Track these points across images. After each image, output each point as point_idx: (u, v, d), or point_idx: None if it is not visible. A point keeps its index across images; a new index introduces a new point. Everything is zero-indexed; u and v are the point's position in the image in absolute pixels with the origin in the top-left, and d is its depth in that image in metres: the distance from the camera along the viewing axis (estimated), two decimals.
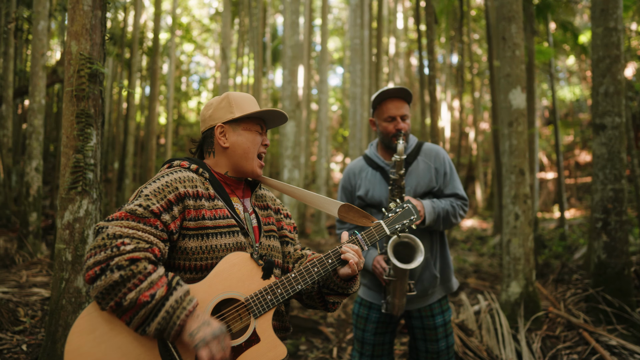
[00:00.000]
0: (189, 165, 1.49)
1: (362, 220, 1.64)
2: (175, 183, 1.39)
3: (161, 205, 1.32)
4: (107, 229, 1.24)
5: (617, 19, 3.84)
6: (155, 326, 1.20)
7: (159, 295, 1.20)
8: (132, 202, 1.33)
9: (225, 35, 8.36)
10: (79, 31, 2.71)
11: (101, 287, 1.18)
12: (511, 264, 3.87)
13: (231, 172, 1.57)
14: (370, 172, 2.49)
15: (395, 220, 1.66)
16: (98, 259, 1.20)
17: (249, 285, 1.39)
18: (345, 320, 5.21)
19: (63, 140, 2.74)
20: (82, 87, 2.69)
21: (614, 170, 3.81)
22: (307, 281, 1.45)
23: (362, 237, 1.57)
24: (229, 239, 1.42)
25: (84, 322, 1.21)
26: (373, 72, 10.84)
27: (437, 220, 2.33)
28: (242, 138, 1.54)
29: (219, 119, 1.55)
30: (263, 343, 1.36)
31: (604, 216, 3.86)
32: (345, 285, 1.55)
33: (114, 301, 1.18)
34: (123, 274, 1.18)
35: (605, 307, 3.79)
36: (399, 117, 2.37)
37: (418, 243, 2.19)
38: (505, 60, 3.92)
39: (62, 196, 2.72)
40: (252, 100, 1.61)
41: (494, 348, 3.58)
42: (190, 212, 1.38)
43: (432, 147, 2.51)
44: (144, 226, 1.28)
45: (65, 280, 2.69)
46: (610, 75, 3.82)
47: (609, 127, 3.82)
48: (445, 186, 2.44)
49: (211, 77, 26.67)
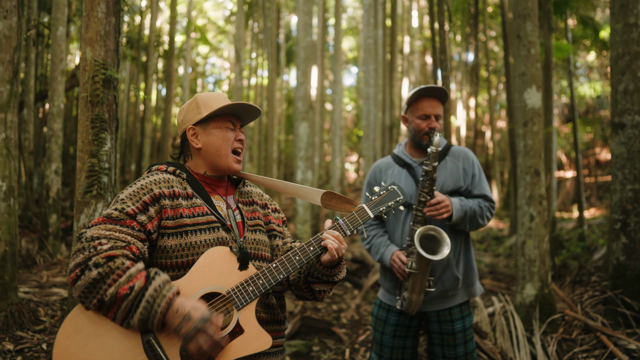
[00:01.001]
0: (166, 168, 1.54)
1: (345, 206, 1.65)
2: (150, 185, 1.44)
3: (136, 207, 1.37)
4: (86, 234, 1.31)
5: (637, 14, 3.74)
6: (138, 317, 1.24)
7: (137, 286, 1.24)
8: (110, 207, 1.39)
9: (239, 37, 8.43)
10: (93, 38, 2.77)
11: (82, 287, 1.23)
12: (526, 266, 3.80)
13: (210, 171, 1.60)
14: (397, 169, 2.50)
15: (379, 202, 1.64)
16: (77, 261, 1.25)
17: (230, 278, 1.41)
18: (359, 321, 5.20)
19: (78, 145, 2.80)
20: (96, 93, 2.75)
21: (634, 170, 3.71)
22: (289, 269, 1.45)
23: (344, 222, 1.57)
24: (208, 235, 1.45)
25: (70, 324, 1.25)
26: (387, 72, 10.78)
27: (464, 219, 2.32)
28: (213, 137, 1.56)
29: (189, 122, 1.59)
30: (247, 334, 1.38)
31: (622, 217, 3.77)
32: (329, 272, 1.55)
33: (96, 299, 1.23)
34: (101, 270, 1.23)
35: (624, 310, 3.69)
36: (433, 116, 2.38)
37: (444, 235, 2.19)
38: (520, 59, 3.85)
39: (78, 200, 2.78)
40: (221, 97, 1.62)
41: (508, 351, 3.52)
42: (167, 212, 1.42)
43: (461, 149, 2.53)
44: (121, 227, 1.33)
45: None
46: (630, 72, 3.72)
47: (629, 126, 3.72)
48: (474, 187, 2.44)
49: (226, 78, 26.91)
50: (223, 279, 1.41)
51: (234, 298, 1.39)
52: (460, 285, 2.40)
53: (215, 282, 1.40)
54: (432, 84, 2.73)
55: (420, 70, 21.69)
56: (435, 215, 2.27)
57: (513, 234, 9.81)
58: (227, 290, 1.40)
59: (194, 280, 1.37)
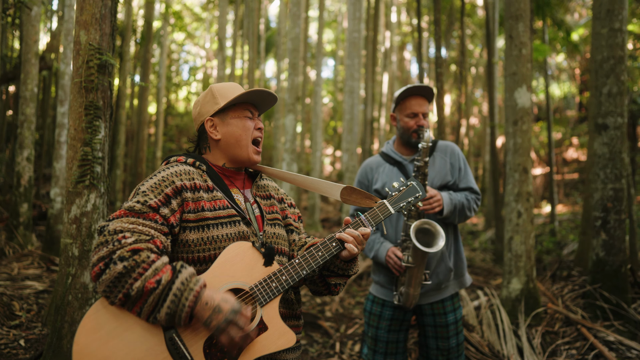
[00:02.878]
0: (185, 160, 1.50)
1: (365, 201, 1.65)
2: (172, 177, 1.40)
3: (159, 200, 1.33)
4: (108, 227, 1.27)
5: (622, 20, 3.88)
6: (165, 311, 1.20)
7: (164, 280, 1.21)
8: (131, 200, 1.34)
9: (222, 25, 8.24)
10: (88, 21, 2.63)
11: (107, 281, 1.19)
12: (513, 261, 3.92)
13: (228, 163, 1.58)
14: (388, 167, 2.53)
15: (400, 198, 1.64)
16: (101, 255, 1.21)
17: (252, 274, 1.40)
18: (344, 314, 5.23)
19: (70, 133, 2.67)
20: (91, 79, 2.63)
21: (615, 170, 3.87)
22: (312, 266, 1.44)
23: (365, 218, 1.56)
24: (230, 229, 1.42)
25: (90, 320, 1.21)
26: (369, 66, 10.81)
27: (454, 212, 2.39)
28: (232, 126, 1.54)
29: (207, 113, 1.56)
30: (271, 331, 1.37)
31: (603, 215, 3.93)
32: (345, 266, 1.56)
33: (122, 293, 1.19)
34: (126, 264, 1.19)
35: (603, 303, 3.87)
36: (421, 114, 2.43)
37: (438, 228, 2.23)
38: (512, 59, 3.94)
39: (70, 190, 2.66)
40: (236, 87, 1.59)
41: (495, 343, 3.63)
42: (189, 205, 1.39)
43: (447, 144, 2.59)
44: (144, 221, 1.29)
45: (71, 275, 2.64)
46: (614, 76, 3.86)
47: (611, 127, 3.88)
48: (460, 180, 2.51)
49: (201, 66, 26.29)
50: (246, 274, 1.38)
51: (257, 294, 1.38)
52: (452, 276, 2.47)
53: (238, 278, 1.37)
54: (419, 83, 2.77)
55: (399, 65, 21.88)
56: (428, 210, 2.31)
57: (488, 228, 10.10)
58: (250, 286, 1.38)
59: (216, 276, 1.35)
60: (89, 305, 2.67)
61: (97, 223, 2.70)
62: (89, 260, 2.64)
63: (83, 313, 2.65)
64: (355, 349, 4.13)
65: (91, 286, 2.68)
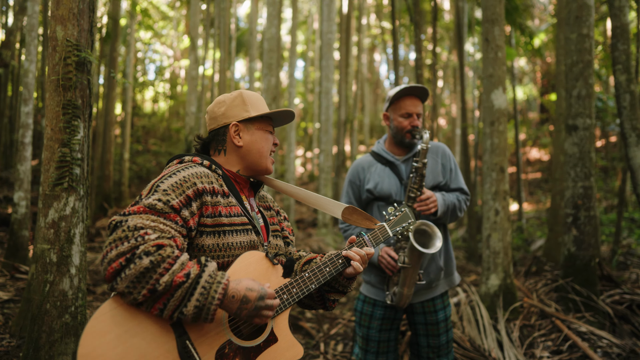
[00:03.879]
0: (201, 162, 1.47)
1: (365, 222, 1.71)
2: (193, 178, 1.36)
3: (180, 201, 1.29)
4: (127, 222, 1.20)
5: (589, 26, 4.08)
6: (194, 304, 1.18)
7: (193, 273, 1.19)
8: (150, 197, 1.28)
9: (194, 24, 8.08)
10: (65, 15, 2.52)
11: (132, 276, 1.14)
12: (491, 258, 4.03)
13: (243, 170, 1.57)
14: (380, 167, 2.53)
15: (396, 223, 1.76)
16: (121, 250, 1.15)
17: (264, 285, 1.39)
18: (324, 315, 5.24)
19: (47, 133, 2.54)
20: (68, 76, 2.51)
21: (584, 168, 4.06)
22: (320, 280, 1.48)
23: (368, 239, 1.64)
24: (243, 237, 1.42)
25: (98, 322, 1.15)
26: (343, 68, 10.88)
27: (447, 213, 2.42)
28: (257, 137, 1.55)
29: (234, 117, 1.54)
30: (281, 343, 1.37)
31: (574, 212, 4.11)
32: (346, 283, 1.61)
33: (147, 289, 1.14)
34: (153, 259, 1.15)
35: (575, 296, 4.05)
36: (415, 115, 2.44)
37: (435, 230, 2.26)
38: (488, 61, 4.06)
39: (46, 193, 2.53)
40: (263, 100, 1.63)
41: (476, 338, 3.73)
42: (208, 209, 1.36)
43: (438, 145, 2.60)
44: (165, 220, 1.25)
45: (49, 282, 2.51)
46: (583, 79, 4.05)
47: (581, 128, 4.06)
48: (452, 181, 2.54)
49: (169, 66, 25.68)
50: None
51: None
52: (442, 275, 2.51)
53: None
54: (415, 84, 2.80)
55: (368, 67, 22.14)
56: (424, 211, 2.34)
57: (460, 226, 10.36)
58: None
59: None
60: (68, 313, 2.55)
61: (76, 227, 2.58)
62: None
63: (62, 322, 2.52)
64: (338, 349, 4.14)
65: (70, 293, 2.56)
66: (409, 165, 2.49)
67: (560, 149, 6.42)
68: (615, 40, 3.99)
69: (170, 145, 19.00)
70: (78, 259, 2.59)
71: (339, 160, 11.42)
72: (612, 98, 11.79)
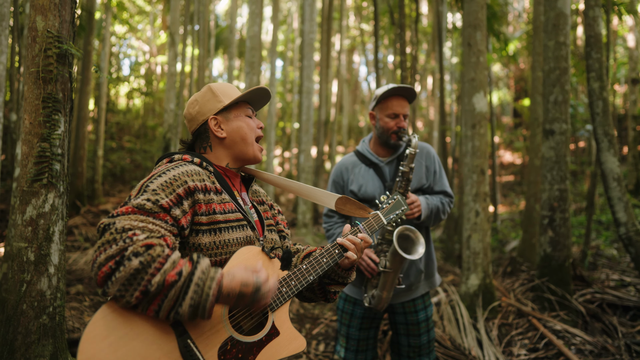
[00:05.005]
0: (192, 159, 1.45)
1: (359, 211, 1.71)
2: (184, 177, 1.34)
3: (170, 200, 1.27)
4: (115, 224, 1.16)
5: (566, 34, 4.22)
6: (189, 302, 1.14)
7: (185, 271, 1.15)
8: (139, 197, 1.25)
9: (174, 19, 7.93)
10: (46, 5, 2.43)
11: (122, 279, 1.10)
12: (471, 258, 4.12)
13: (232, 163, 1.56)
14: (364, 168, 2.52)
15: (389, 210, 1.77)
16: (110, 253, 1.12)
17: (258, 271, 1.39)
18: (305, 314, 5.23)
19: (25, 127, 2.44)
20: (49, 69, 2.42)
21: (560, 172, 4.19)
22: (318, 271, 1.48)
23: (363, 227, 1.64)
24: (239, 233, 1.41)
25: (97, 326, 1.12)
26: (324, 68, 10.90)
27: (430, 216, 2.42)
28: (237, 124, 1.54)
29: (210, 112, 1.53)
30: (283, 336, 1.37)
31: (550, 213, 4.24)
32: (345, 274, 1.61)
33: (139, 290, 1.11)
34: (142, 259, 1.11)
35: (550, 295, 4.18)
36: (401, 116, 2.42)
37: (418, 235, 2.26)
38: (470, 66, 4.15)
39: (24, 189, 2.43)
40: (233, 87, 1.62)
41: (457, 337, 3.80)
42: (201, 207, 1.34)
43: (423, 146, 2.58)
44: (154, 220, 1.22)
45: (26, 282, 2.42)
46: (560, 85, 4.19)
47: (557, 133, 4.19)
48: (435, 183, 2.54)
49: (144, 62, 25.13)
50: None
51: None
52: (423, 277, 2.53)
53: None
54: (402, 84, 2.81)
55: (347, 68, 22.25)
56: (408, 215, 2.35)
57: (437, 227, 10.52)
58: None
59: None
60: (45, 314, 2.45)
61: (56, 225, 2.49)
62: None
63: (39, 323, 2.43)
64: (320, 349, 4.15)
65: (48, 293, 2.46)
66: (393, 167, 2.48)
67: (535, 153, 6.61)
68: (589, 49, 4.15)
69: (145, 143, 18.59)
70: (57, 257, 2.50)
71: (318, 161, 11.44)
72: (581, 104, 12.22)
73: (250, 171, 1.68)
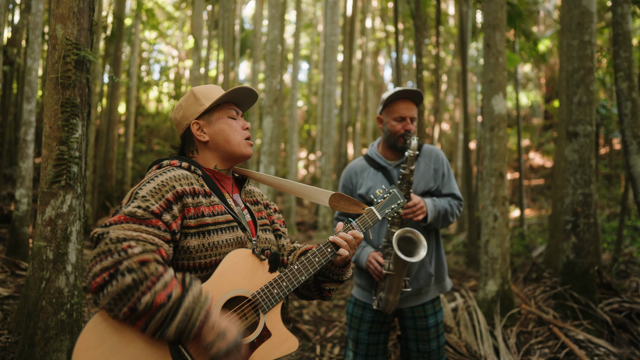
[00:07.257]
0: (180, 164, 1.47)
1: (353, 207, 1.69)
2: (172, 182, 1.36)
3: (160, 205, 1.29)
4: (109, 234, 1.18)
5: (591, 32, 4.06)
6: (176, 326, 1.16)
7: (175, 295, 1.16)
8: (130, 205, 1.28)
9: (198, 25, 8.12)
10: (65, 14, 2.53)
11: (113, 294, 1.12)
12: (489, 264, 4.02)
13: (220, 164, 1.56)
14: (372, 171, 2.52)
15: (385, 205, 1.72)
16: (105, 265, 1.14)
17: (254, 281, 1.40)
18: (322, 317, 5.23)
19: (45, 131, 2.56)
20: (67, 75, 2.52)
21: (584, 175, 4.04)
22: (310, 271, 1.46)
23: (356, 224, 1.61)
24: (229, 235, 1.41)
25: (90, 334, 1.15)
26: (346, 70, 10.91)
27: (438, 218, 2.39)
28: (219, 127, 1.53)
29: (192, 116, 1.54)
30: (275, 337, 1.37)
31: (573, 219, 4.09)
32: (340, 271, 1.59)
33: (128, 307, 1.13)
34: (135, 277, 1.13)
35: (573, 303, 4.02)
36: (408, 119, 2.41)
37: (420, 238, 2.22)
38: (489, 67, 4.05)
39: (44, 190, 2.54)
40: (216, 88, 1.60)
41: (473, 344, 3.71)
42: (189, 210, 1.36)
43: (432, 148, 2.57)
44: (147, 228, 1.24)
45: (45, 280, 2.52)
46: (584, 86, 4.04)
47: (581, 135, 4.04)
48: (444, 186, 2.51)
49: (173, 66, 25.79)
50: (247, 281, 1.38)
51: (260, 301, 1.38)
52: (433, 281, 2.49)
53: (240, 286, 1.37)
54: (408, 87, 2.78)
55: (372, 70, 22.15)
56: (411, 217, 2.32)
57: (460, 231, 10.33)
58: (253, 293, 1.38)
59: (218, 284, 1.34)
60: (63, 311, 2.55)
61: (73, 225, 2.59)
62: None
63: (58, 319, 2.53)
64: (334, 352, 4.13)
65: (66, 291, 2.56)
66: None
67: (562, 155, 6.39)
68: (617, 47, 3.98)
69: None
70: (74, 256, 2.60)
71: (340, 163, 11.42)
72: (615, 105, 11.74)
73: (242, 171, 1.69)
